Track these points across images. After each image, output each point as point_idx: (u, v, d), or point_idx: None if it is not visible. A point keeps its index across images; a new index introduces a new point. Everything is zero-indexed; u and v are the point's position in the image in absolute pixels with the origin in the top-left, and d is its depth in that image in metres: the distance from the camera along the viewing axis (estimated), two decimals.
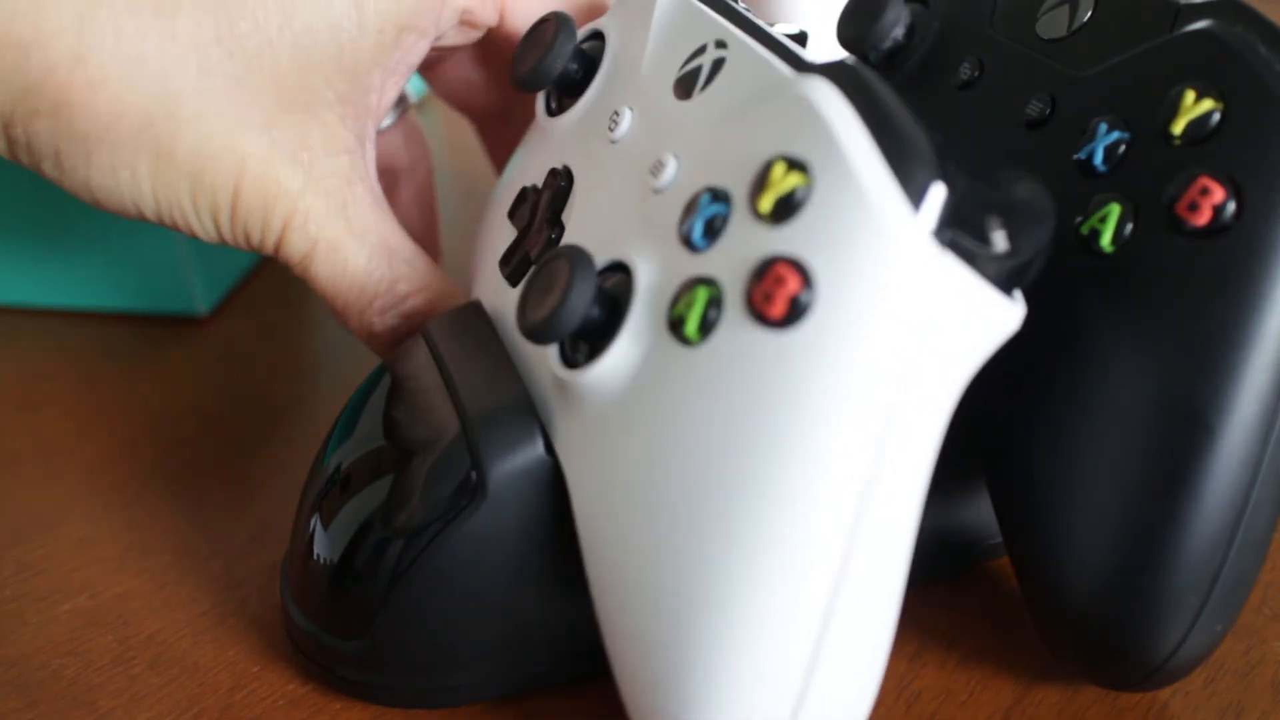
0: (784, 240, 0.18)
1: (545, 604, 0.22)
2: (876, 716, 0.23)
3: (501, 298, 0.25)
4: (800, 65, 0.19)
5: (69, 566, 0.27)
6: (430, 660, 0.22)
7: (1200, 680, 0.23)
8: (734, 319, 0.18)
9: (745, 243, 0.18)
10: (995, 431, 0.22)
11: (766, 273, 0.18)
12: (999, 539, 0.25)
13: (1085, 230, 0.21)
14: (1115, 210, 0.21)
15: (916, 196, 0.17)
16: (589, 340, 0.20)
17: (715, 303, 0.18)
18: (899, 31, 0.25)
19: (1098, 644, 0.21)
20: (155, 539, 0.28)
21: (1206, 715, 0.23)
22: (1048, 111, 0.22)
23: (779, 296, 0.17)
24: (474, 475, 0.21)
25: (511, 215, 0.25)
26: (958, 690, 0.23)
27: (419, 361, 0.24)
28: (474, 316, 0.24)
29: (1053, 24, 0.23)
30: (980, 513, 0.25)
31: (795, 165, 0.18)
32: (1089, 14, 0.22)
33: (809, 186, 0.18)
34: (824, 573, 0.18)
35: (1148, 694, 0.23)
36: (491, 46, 0.30)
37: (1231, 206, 0.19)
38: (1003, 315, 0.18)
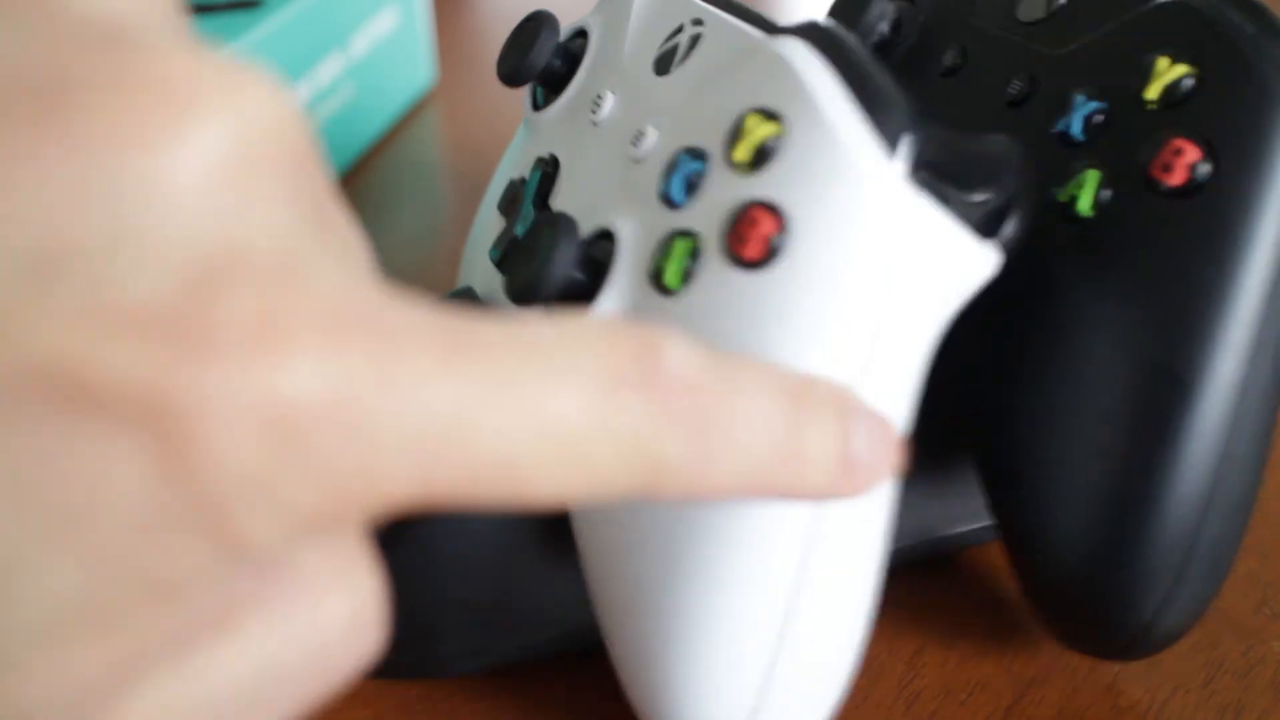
0: (759, 186, 0.18)
1: (533, 576, 0.22)
2: (877, 717, 0.23)
3: (492, 284, 0.25)
4: (773, 29, 0.20)
5: None
6: (420, 631, 0.23)
7: (1200, 680, 0.23)
8: (712, 264, 0.18)
9: (723, 193, 0.18)
10: (978, 399, 0.22)
11: (742, 216, 0.18)
12: (982, 524, 0.25)
13: (1064, 198, 0.21)
14: (1093, 176, 0.21)
15: (890, 141, 0.17)
16: (575, 302, 0.20)
17: (694, 252, 0.18)
18: (884, 26, 0.25)
19: (1079, 608, 0.21)
20: None
21: (1206, 715, 0.23)
22: (1028, 91, 0.23)
23: (753, 237, 0.18)
24: None
25: (501, 207, 0.26)
26: (958, 690, 0.23)
27: None
28: (467, 301, 0.25)
29: (1032, 7, 0.23)
30: (962, 497, 0.25)
31: (769, 116, 0.18)
32: None
33: (783, 134, 0.18)
34: (794, 526, 0.18)
35: (1148, 693, 0.23)
36: None
37: (1206, 166, 0.20)
38: (978, 258, 0.18)
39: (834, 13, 0.25)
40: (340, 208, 0.14)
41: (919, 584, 0.26)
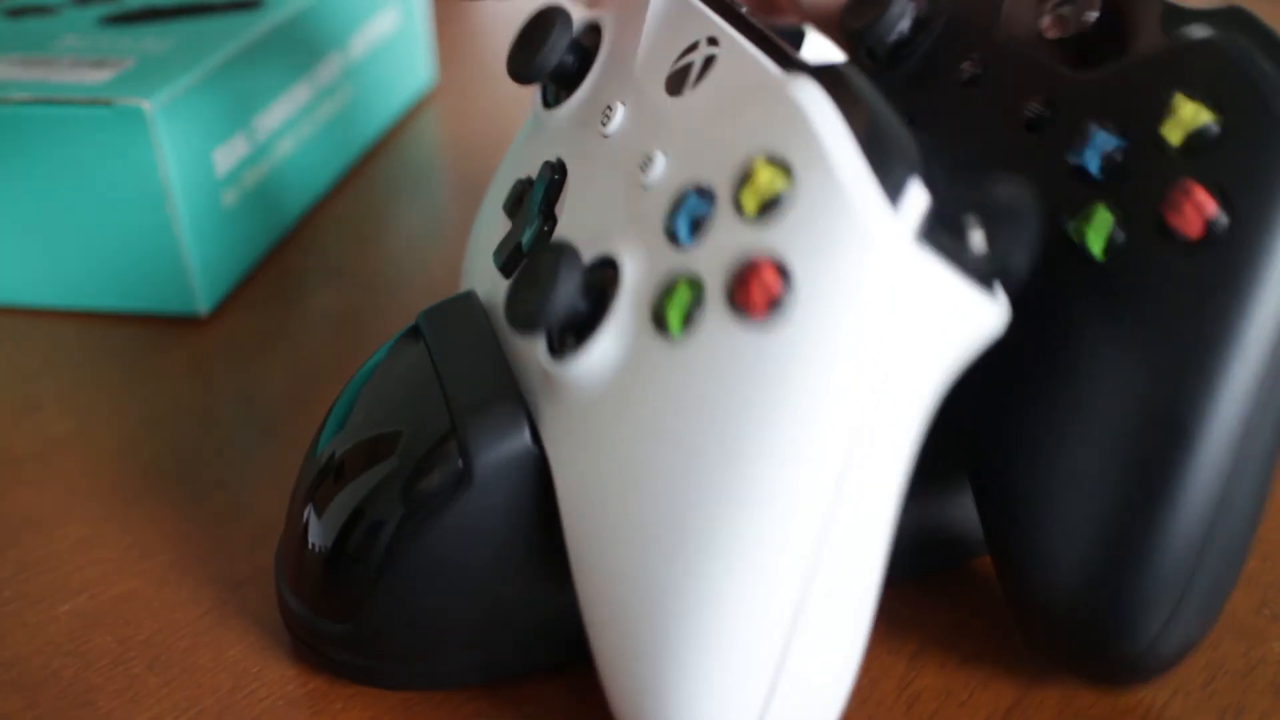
0: (765, 238, 0.18)
1: (531, 590, 0.22)
2: (877, 717, 0.23)
3: (495, 289, 0.25)
4: (789, 64, 0.19)
5: (69, 566, 0.27)
6: (419, 643, 0.23)
7: (1200, 680, 0.23)
8: (715, 314, 0.18)
9: (728, 240, 0.18)
10: (981, 435, 0.22)
11: (748, 270, 0.18)
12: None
13: (1076, 237, 0.21)
14: (1107, 217, 0.21)
15: (897, 197, 0.17)
16: (575, 332, 0.20)
17: (698, 298, 0.18)
18: (905, 25, 0.25)
19: (1071, 645, 0.21)
20: (155, 539, 0.28)
21: (1206, 715, 0.23)
22: (1047, 114, 0.22)
23: (759, 294, 0.18)
24: (460, 464, 0.21)
25: (506, 207, 0.26)
26: (958, 690, 0.23)
27: (411, 352, 0.24)
28: (467, 307, 0.25)
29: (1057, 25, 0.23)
30: (972, 509, 0.25)
31: (778, 164, 0.18)
32: (1093, 16, 0.22)
33: (791, 186, 0.18)
34: (796, 565, 0.18)
35: (1148, 694, 0.23)
36: None
37: (1223, 219, 0.19)
38: (985, 314, 0.18)
39: (853, 8, 0.25)
40: None
41: (920, 585, 0.26)
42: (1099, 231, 0.21)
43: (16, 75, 0.36)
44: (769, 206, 0.18)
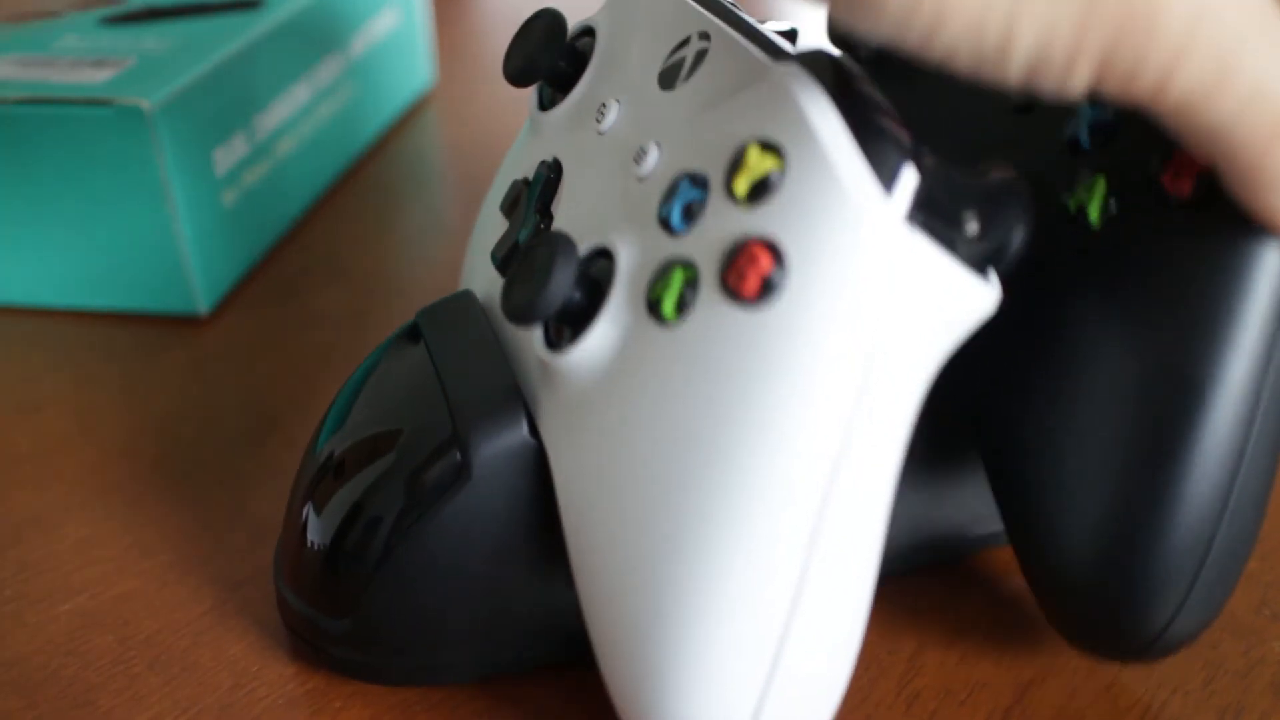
0: (758, 221, 0.18)
1: (531, 585, 0.22)
2: (877, 716, 0.23)
3: (493, 287, 0.25)
4: (778, 54, 0.20)
5: (69, 566, 0.27)
6: (417, 639, 0.23)
7: (1200, 680, 0.23)
8: (709, 298, 0.18)
9: (721, 224, 0.18)
10: (990, 408, 0.22)
11: (740, 252, 0.18)
12: (986, 530, 0.25)
13: (1073, 206, 0.21)
14: (1101, 184, 0.21)
15: (888, 179, 0.17)
16: (571, 323, 0.20)
17: (691, 283, 0.19)
18: None
19: (1094, 615, 0.21)
20: (155, 539, 0.28)
21: (1206, 715, 0.23)
22: (1035, 96, 0.23)
23: (751, 275, 0.18)
24: (459, 457, 0.21)
25: (503, 207, 0.26)
26: (958, 690, 0.23)
27: (409, 350, 0.24)
28: (465, 305, 0.25)
29: None
30: (966, 504, 0.25)
31: (769, 148, 0.18)
32: None
33: (783, 169, 0.18)
34: (793, 548, 0.18)
35: (1148, 694, 0.23)
36: None
37: (1212, 177, 0.20)
38: (976, 296, 0.18)
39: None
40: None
41: (920, 584, 0.26)
42: (1094, 199, 0.21)
43: (16, 75, 0.36)
44: (761, 190, 0.18)
